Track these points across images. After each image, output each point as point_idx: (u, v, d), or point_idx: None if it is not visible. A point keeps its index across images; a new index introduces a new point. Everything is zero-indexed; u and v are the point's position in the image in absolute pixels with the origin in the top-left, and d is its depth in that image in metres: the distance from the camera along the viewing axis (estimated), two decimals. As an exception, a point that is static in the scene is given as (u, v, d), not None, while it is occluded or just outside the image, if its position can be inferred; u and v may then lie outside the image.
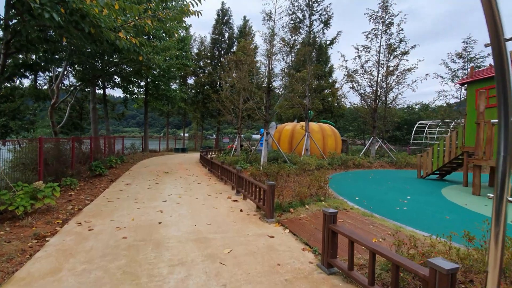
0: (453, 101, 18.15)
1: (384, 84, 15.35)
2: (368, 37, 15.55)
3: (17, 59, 8.59)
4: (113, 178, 9.23)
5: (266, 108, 11.40)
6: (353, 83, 15.81)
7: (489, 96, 8.53)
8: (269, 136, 12.08)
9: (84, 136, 18.86)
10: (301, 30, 14.44)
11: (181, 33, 20.64)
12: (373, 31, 15.36)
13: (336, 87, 26.03)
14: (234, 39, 27.91)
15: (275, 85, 12.21)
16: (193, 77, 28.03)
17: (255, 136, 42.41)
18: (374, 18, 15.30)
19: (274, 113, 13.81)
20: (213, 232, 4.31)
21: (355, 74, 15.74)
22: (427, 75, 15.00)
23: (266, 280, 2.91)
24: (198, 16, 6.63)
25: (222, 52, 27.76)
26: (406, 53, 14.90)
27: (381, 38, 15.28)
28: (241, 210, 5.61)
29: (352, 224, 4.64)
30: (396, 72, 14.97)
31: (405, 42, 14.91)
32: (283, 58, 12.11)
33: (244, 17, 28.61)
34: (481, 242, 2.96)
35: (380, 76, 15.30)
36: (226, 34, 28.00)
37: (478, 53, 15.98)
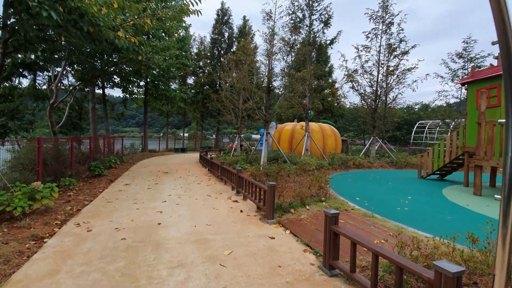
0: (453, 101, 18.12)
1: (384, 84, 15.32)
2: (368, 37, 15.53)
3: (16, 59, 8.54)
4: (112, 179, 9.19)
5: (266, 108, 11.35)
6: (353, 83, 15.78)
7: (490, 96, 8.50)
8: (269, 136, 12.04)
9: (83, 136, 18.81)
10: (301, 30, 14.39)
11: (181, 32, 20.59)
12: (373, 31, 15.34)
13: (336, 87, 26.03)
14: (234, 39, 27.87)
15: (275, 85, 12.18)
16: (193, 77, 28.00)
17: (254, 136, 42.37)
18: (374, 17, 15.27)
19: (274, 113, 13.77)
20: (213, 233, 4.27)
21: (355, 74, 15.71)
22: (427, 75, 14.99)
23: (267, 282, 2.87)
24: (198, 15, 6.60)
25: (222, 52, 27.73)
26: (406, 53, 14.87)
27: (381, 38, 15.26)
28: (241, 211, 5.57)
29: (353, 225, 4.60)
30: (396, 72, 14.94)
31: (405, 42, 14.89)
32: (283, 58, 12.07)
33: (244, 17, 28.59)
34: (485, 244, 2.93)
35: (380, 76, 15.28)
36: (226, 34, 27.96)
37: (478, 53, 15.95)
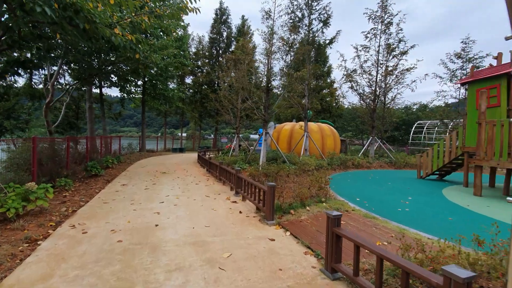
0: (451, 101, 18.12)
1: (383, 84, 15.28)
2: (367, 37, 15.49)
3: (11, 57, 8.38)
4: (109, 179, 9.06)
5: (265, 108, 11.27)
6: (352, 83, 15.73)
7: (490, 96, 8.47)
8: (268, 136, 11.95)
9: (80, 136, 18.63)
10: (300, 29, 14.32)
11: (179, 32, 20.46)
12: (372, 30, 15.30)
13: (335, 87, 26.00)
14: (232, 39, 27.77)
15: (274, 85, 12.10)
16: (191, 77, 27.86)
17: (253, 136, 42.32)
18: (373, 17, 15.23)
19: (273, 113, 13.69)
20: (211, 235, 4.17)
21: (354, 74, 15.67)
22: (426, 75, 14.91)
23: (267, 286, 2.78)
24: (196, 13, 6.49)
25: (220, 52, 27.61)
26: (405, 53, 14.84)
27: (380, 38, 15.23)
28: (240, 212, 5.48)
29: (355, 226, 4.53)
30: (395, 72, 14.91)
31: (404, 42, 14.87)
32: (282, 57, 11.98)
33: (243, 16, 28.48)
34: (490, 246, 2.86)
35: (379, 76, 15.24)
36: (224, 34, 27.83)
37: (476, 53, 15.93)
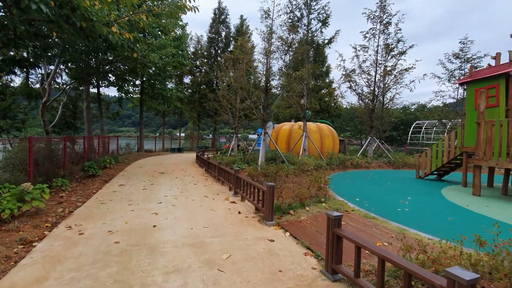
0: (449, 101, 18.17)
1: (382, 84, 15.28)
2: (366, 37, 15.49)
3: (7, 55, 8.28)
4: (107, 179, 8.98)
5: (264, 107, 11.22)
6: (351, 82, 15.72)
7: (488, 96, 8.47)
8: (266, 136, 11.91)
9: (77, 136, 18.50)
10: (299, 29, 14.30)
11: (178, 31, 20.38)
12: (371, 30, 15.30)
13: (334, 86, 26.01)
14: (231, 38, 27.70)
15: (273, 84, 12.06)
16: (190, 76, 27.77)
17: (251, 136, 42.28)
18: (372, 17, 15.23)
19: (272, 113, 13.66)
20: (210, 236, 4.12)
21: (353, 73, 15.66)
22: (424, 75, 14.94)
23: (267, 288, 2.74)
24: (195, 12, 6.43)
25: (219, 51, 27.54)
26: (403, 53, 14.84)
27: (379, 37, 15.22)
28: (239, 212, 5.43)
29: (355, 227, 4.49)
30: (393, 72, 14.91)
31: (403, 42, 14.87)
32: (281, 57, 11.95)
33: (241, 16, 28.39)
34: (492, 247, 2.83)
35: (377, 76, 15.24)
36: (223, 33, 27.76)
37: (475, 54, 15.98)
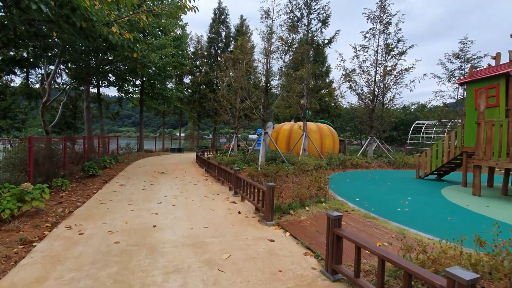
0: (449, 102, 18.17)
1: (382, 84, 15.28)
2: (366, 37, 15.49)
3: (7, 55, 8.28)
4: (107, 179, 8.98)
5: (264, 107, 11.22)
6: (351, 82, 15.72)
7: (488, 96, 8.47)
8: (266, 136, 11.90)
9: (77, 136, 18.50)
10: (299, 29, 14.30)
11: (177, 31, 20.38)
12: (371, 30, 15.30)
13: (334, 86, 26.01)
14: (231, 38, 27.70)
15: (273, 84, 12.06)
16: (190, 76, 27.76)
17: (251, 136, 42.28)
18: (372, 17, 15.23)
19: (272, 113, 13.67)
20: (210, 236, 4.12)
21: (353, 73, 15.66)
22: (424, 75, 14.94)
23: (267, 288, 2.74)
24: (195, 11, 6.43)
25: (219, 51, 27.53)
26: (403, 53, 14.83)
27: (379, 37, 15.22)
28: (239, 212, 5.43)
29: (355, 227, 4.49)
30: (393, 72, 14.91)
31: (403, 42, 14.87)
32: (281, 57, 11.94)
33: (241, 16, 28.39)
34: (492, 247, 2.83)
35: (377, 76, 15.24)
36: (223, 33, 27.75)
37: (474, 54, 15.97)
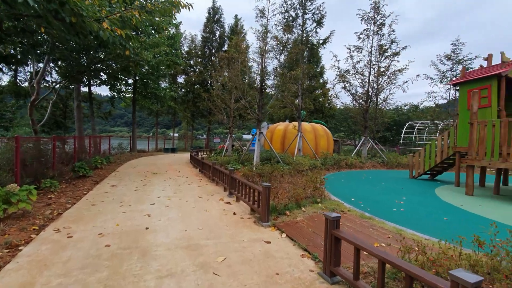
0: (442, 102, 18.45)
1: (376, 84, 15.38)
2: (360, 38, 15.58)
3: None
4: (98, 180, 8.76)
5: (259, 107, 11.14)
6: (345, 83, 15.78)
7: (481, 97, 8.57)
8: (261, 136, 11.83)
9: (68, 135, 18.08)
10: (293, 29, 14.26)
11: (171, 30, 20.15)
12: (365, 31, 15.39)
13: (328, 87, 26.11)
14: (226, 38, 27.53)
15: (268, 84, 11.98)
16: (183, 76, 27.49)
17: (246, 136, 42.15)
18: (366, 18, 15.32)
19: (267, 113, 13.59)
20: (205, 238, 4.02)
21: (347, 74, 15.72)
22: (417, 76, 15.12)
23: (264, 292, 2.66)
24: (189, 9, 6.33)
25: (213, 51, 27.34)
26: (397, 54, 14.96)
27: (373, 38, 15.33)
28: (234, 213, 5.33)
29: (352, 227, 4.45)
30: (387, 73, 15.03)
31: (396, 43, 15.00)
32: (276, 57, 11.88)
33: (236, 15, 28.24)
34: (490, 247, 2.81)
35: (371, 76, 15.33)
36: (217, 33, 27.57)
37: (466, 55, 16.24)
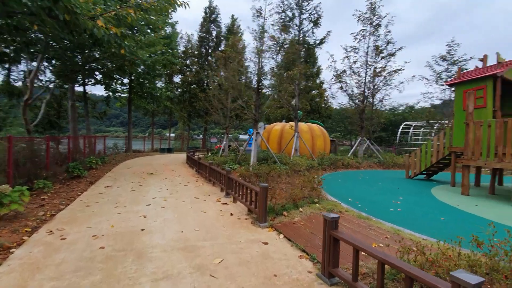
0: (437, 103, 18.59)
1: (372, 85, 15.44)
2: (356, 38, 15.64)
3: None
4: (93, 180, 8.64)
5: (256, 107, 11.10)
6: (342, 83, 15.82)
7: (476, 97, 8.63)
8: (258, 136, 11.78)
9: (62, 135, 17.85)
10: (290, 29, 14.27)
11: (168, 29, 20.02)
12: (361, 32, 15.45)
13: (324, 87, 26.19)
14: (222, 38, 27.45)
15: (265, 84, 11.94)
16: (180, 76, 27.34)
17: (242, 137, 42.07)
18: (362, 19, 15.38)
19: (263, 113, 13.56)
20: (201, 239, 3.96)
21: (344, 74, 15.75)
22: (413, 76, 15.24)
23: (262, 294, 2.61)
24: (186, 7, 6.27)
25: (210, 51, 27.23)
26: (393, 54, 15.04)
27: (369, 39, 15.40)
28: (231, 214, 5.28)
29: (349, 228, 4.43)
30: (383, 73, 15.10)
31: (392, 44, 15.08)
32: (273, 57, 11.85)
33: (232, 15, 28.18)
34: (489, 247, 2.80)
35: (368, 77, 15.40)
36: (214, 33, 27.48)
37: (461, 56, 16.37)
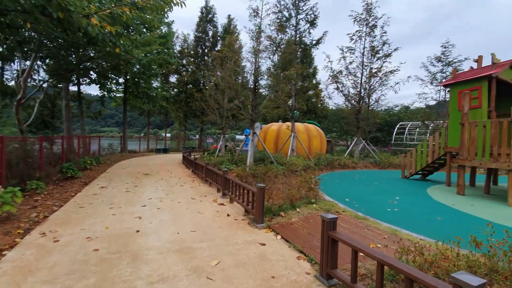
0: (432, 103, 18.76)
1: (368, 85, 15.50)
2: (353, 39, 15.67)
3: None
4: (87, 181, 8.52)
5: (253, 107, 11.06)
6: (338, 84, 15.86)
7: (471, 98, 8.70)
8: (255, 136, 11.74)
9: (56, 135, 17.61)
10: (287, 29, 14.26)
11: (163, 29, 19.89)
12: (357, 33, 15.49)
13: (321, 88, 26.23)
14: (218, 38, 27.36)
15: (262, 84, 11.92)
16: (176, 75, 27.18)
17: (238, 137, 42.01)
18: (358, 20, 15.42)
19: (260, 113, 13.54)
20: (198, 241, 3.91)
21: (340, 75, 15.79)
22: (409, 77, 15.33)
23: (260, 296, 2.57)
24: (182, 6, 6.21)
25: (206, 51, 27.13)
26: (389, 55, 15.11)
27: (365, 40, 15.44)
28: (228, 215, 5.23)
29: (347, 228, 4.41)
30: (379, 74, 15.17)
31: (388, 45, 15.15)
32: (269, 57, 11.84)
33: (229, 15, 28.12)
34: (487, 247, 2.80)
35: (364, 77, 15.45)
36: (210, 33, 27.38)
37: (455, 57, 16.55)
